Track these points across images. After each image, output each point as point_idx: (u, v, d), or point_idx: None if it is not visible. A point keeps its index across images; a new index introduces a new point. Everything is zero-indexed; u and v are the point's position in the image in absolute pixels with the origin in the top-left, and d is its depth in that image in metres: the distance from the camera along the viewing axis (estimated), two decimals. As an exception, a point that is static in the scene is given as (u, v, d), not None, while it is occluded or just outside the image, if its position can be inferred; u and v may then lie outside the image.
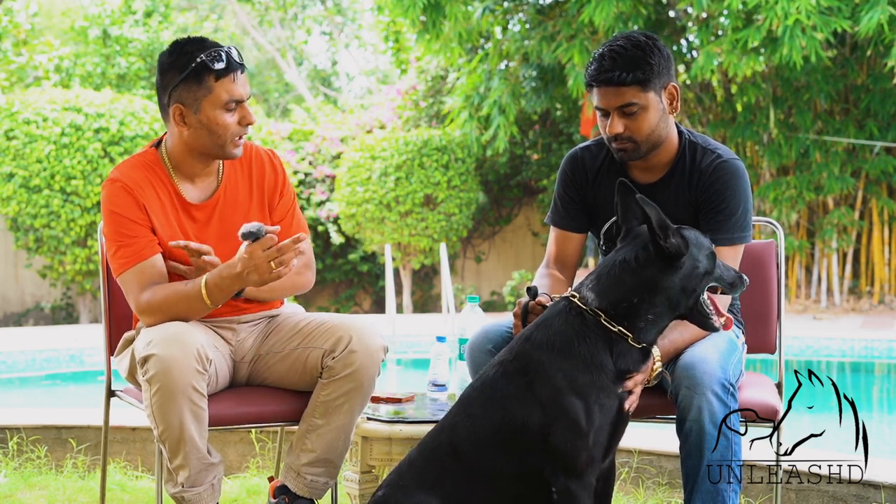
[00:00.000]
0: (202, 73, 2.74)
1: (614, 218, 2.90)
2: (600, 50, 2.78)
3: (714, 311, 2.51)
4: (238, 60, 2.78)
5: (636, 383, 2.48)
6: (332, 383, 2.80)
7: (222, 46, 2.78)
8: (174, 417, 2.63)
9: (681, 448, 2.60)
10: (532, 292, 2.67)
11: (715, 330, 2.52)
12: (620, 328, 2.42)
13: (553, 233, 3.04)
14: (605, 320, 2.42)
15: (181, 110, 2.78)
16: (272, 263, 2.67)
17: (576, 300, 2.46)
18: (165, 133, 2.90)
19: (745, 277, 2.57)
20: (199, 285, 2.74)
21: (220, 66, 2.74)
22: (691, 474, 2.57)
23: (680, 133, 2.89)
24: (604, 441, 2.40)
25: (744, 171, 2.85)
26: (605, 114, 2.79)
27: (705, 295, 2.49)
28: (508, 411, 2.40)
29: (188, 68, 2.74)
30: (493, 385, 2.45)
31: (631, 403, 2.48)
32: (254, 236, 2.65)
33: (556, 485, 2.37)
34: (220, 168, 2.93)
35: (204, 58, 2.74)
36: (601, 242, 3.00)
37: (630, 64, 2.72)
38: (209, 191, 2.91)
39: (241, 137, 2.83)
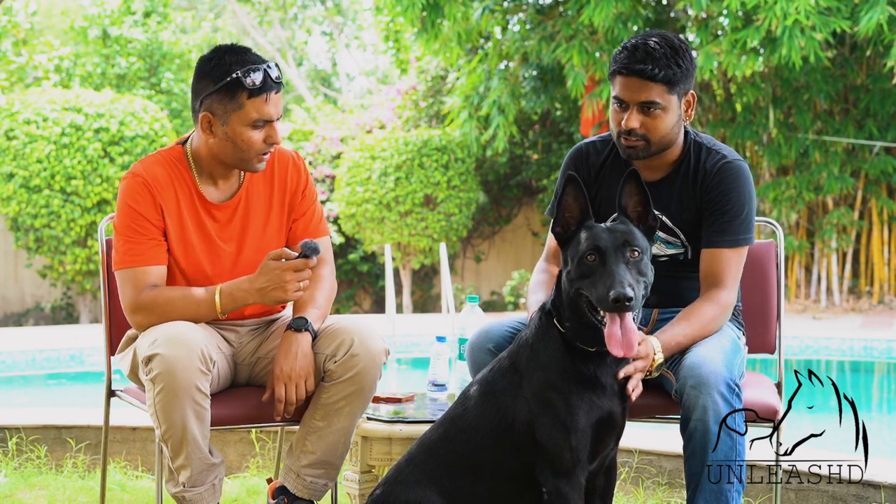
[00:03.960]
0: (235, 89, 2.70)
1: (615, 215, 2.90)
2: (633, 40, 2.76)
3: (608, 330, 2.34)
4: (274, 80, 2.73)
5: (636, 369, 2.48)
6: (334, 386, 2.80)
7: (263, 62, 2.73)
8: (177, 417, 2.63)
9: (684, 447, 2.60)
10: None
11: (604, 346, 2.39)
12: (563, 328, 2.45)
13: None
14: (556, 320, 2.46)
15: (210, 119, 2.75)
16: (300, 284, 2.71)
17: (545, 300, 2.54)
18: (192, 131, 2.89)
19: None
20: (213, 292, 2.76)
21: (254, 84, 2.70)
22: (695, 474, 2.56)
23: (686, 133, 2.89)
24: (587, 444, 2.41)
25: (748, 173, 2.84)
26: (623, 106, 2.76)
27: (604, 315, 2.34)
28: (502, 406, 2.45)
29: (222, 81, 2.70)
30: (488, 381, 2.51)
31: (632, 388, 2.47)
32: (315, 253, 2.71)
33: (546, 485, 2.40)
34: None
35: (240, 74, 2.69)
36: None
37: (663, 61, 2.71)
38: (231, 191, 2.91)
39: (265, 154, 2.81)
